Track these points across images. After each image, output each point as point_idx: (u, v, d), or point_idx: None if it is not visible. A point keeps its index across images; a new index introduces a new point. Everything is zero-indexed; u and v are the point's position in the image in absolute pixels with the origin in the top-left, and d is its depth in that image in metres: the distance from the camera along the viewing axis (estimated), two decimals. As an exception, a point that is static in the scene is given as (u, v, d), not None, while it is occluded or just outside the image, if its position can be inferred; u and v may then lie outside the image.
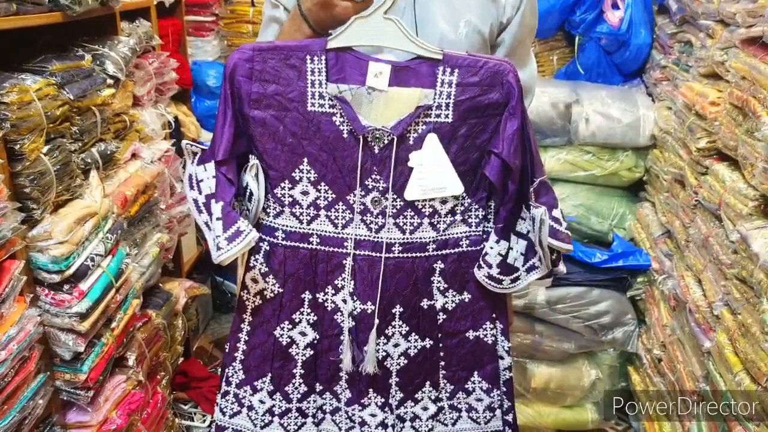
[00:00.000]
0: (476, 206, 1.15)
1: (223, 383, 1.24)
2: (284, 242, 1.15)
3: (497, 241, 1.13)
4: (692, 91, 1.93)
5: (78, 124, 1.55)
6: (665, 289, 1.99)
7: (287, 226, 1.15)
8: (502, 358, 1.22)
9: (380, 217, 1.12)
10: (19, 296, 1.32)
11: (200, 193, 1.12)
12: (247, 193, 1.13)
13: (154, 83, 2.19)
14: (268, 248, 1.16)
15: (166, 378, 2.08)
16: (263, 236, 1.16)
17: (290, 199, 1.13)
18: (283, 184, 1.13)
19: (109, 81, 1.71)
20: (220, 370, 1.40)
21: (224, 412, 1.24)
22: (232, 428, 1.24)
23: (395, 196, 1.11)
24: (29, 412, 1.34)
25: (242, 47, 1.09)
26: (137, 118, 1.99)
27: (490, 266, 1.14)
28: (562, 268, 1.16)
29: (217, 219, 1.08)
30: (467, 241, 1.16)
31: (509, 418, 1.24)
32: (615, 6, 2.55)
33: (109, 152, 1.71)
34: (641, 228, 2.38)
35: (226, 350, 1.24)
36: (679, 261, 1.95)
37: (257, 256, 1.16)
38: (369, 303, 1.15)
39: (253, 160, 1.12)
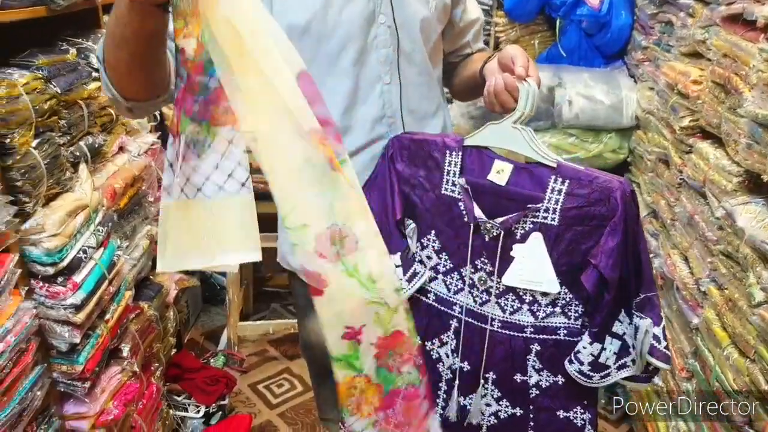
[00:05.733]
0: (577, 302, 1.18)
1: None
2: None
3: (591, 343, 1.17)
4: (674, 70, 1.95)
5: (65, 118, 1.55)
6: (652, 267, 2.03)
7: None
8: None
9: (485, 293, 1.22)
10: (14, 289, 1.32)
11: None
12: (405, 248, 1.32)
13: (139, 75, 2.17)
14: None
15: (160, 369, 2.09)
16: None
17: (418, 259, 1.28)
18: (415, 245, 1.30)
19: (95, 74, 1.71)
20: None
21: None
22: None
23: (498, 281, 1.20)
24: (28, 404, 1.36)
25: (400, 137, 1.26)
26: (123, 110, 1.98)
27: (581, 363, 1.18)
28: (657, 381, 1.20)
29: (397, 266, 1.26)
30: (565, 331, 1.20)
31: None
32: (595, -12, 2.57)
33: (96, 145, 1.71)
34: (626, 208, 2.40)
35: None
36: (665, 239, 1.99)
37: None
38: (466, 363, 1.27)
39: (412, 223, 1.28)
